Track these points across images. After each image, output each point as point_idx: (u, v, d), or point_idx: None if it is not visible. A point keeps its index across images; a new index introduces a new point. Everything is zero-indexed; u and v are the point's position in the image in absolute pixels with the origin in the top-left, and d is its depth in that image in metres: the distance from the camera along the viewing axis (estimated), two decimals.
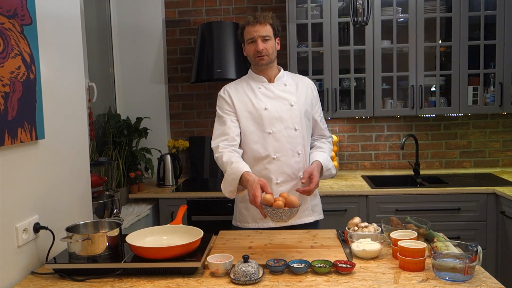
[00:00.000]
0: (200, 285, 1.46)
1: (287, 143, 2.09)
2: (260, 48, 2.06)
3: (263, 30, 2.07)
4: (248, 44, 2.11)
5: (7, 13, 1.51)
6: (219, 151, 2.04)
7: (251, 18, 2.08)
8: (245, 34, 2.11)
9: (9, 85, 1.50)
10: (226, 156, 2.00)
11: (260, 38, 2.06)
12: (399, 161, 3.62)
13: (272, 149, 2.08)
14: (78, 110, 2.03)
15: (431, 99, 3.33)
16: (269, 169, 2.09)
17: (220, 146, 2.06)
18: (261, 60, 2.09)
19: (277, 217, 1.59)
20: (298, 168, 2.11)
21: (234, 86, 2.21)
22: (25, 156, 1.63)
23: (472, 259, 1.42)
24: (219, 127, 2.13)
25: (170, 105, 3.72)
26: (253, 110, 2.10)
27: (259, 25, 2.07)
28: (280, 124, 2.09)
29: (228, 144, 2.07)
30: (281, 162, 2.09)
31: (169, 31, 3.68)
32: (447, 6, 3.23)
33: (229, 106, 2.14)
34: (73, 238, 1.59)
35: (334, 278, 1.48)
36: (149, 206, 3.10)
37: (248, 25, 2.09)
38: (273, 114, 2.09)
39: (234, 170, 1.91)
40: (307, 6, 3.24)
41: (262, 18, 2.07)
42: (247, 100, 2.13)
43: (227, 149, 2.05)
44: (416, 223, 1.79)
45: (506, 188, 2.87)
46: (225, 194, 1.97)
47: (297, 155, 2.11)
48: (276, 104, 2.11)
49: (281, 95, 2.13)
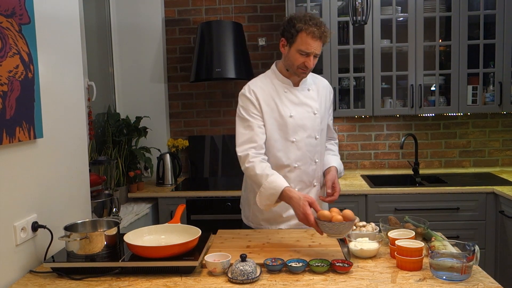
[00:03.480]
0: (198, 284, 1.46)
1: (308, 152, 2.04)
2: (311, 66, 1.94)
3: (320, 48, 1.93)
4: (299, 53, 1.92)
5: (5, 12, 1.51)
6: (250, 161, 1.91)
7: (316, 32, 1.88)
8: (299, 41, 1.90)
9: (7, 84, 1.51)
10: (259, 168, 1.89)
11: (314, 54, 1.92)
12: (399, 161, 3.62)
13: (294, 158, 2.02)
14: (77, 109, 2.03)
15: (431, 99, 3.32)
16: (289, 178, 2.01)
17: (250, 155, 1.92)
18: (304, 74, 1.99)
19: (338, 232, 1.53)
20: (314, 175, 2.09)
21: (259, 86, 2.04)
22: (23, 155, 1.63)
23: (470, 258, 1.42)
24: (245, 131, 1.98)
25: (169, 104, 3.72)
26: (279, 117, 2.00)
27: (319, 41, 1.91)
28: (303, 132, 2.02)
29: (257, 153, 1.95)
30: (300, 170, 2.05)
31: (169, 30, 3.68)
32: (447, 5, 3.23)
33: (256, 110, 1.99)
34: (71, 237, 1.59)
35: (332, 277, 1.48)
36: (149, 205, 3.11)
37: (309, 35, 1.88)
38: (297, 122, 2.01)
39: (272, 185, 1.83)
40: (306, 5, 3.24)
41: (326, 37, 1.92)
42: (273, 105, 2.00)
43: (257, 159, 1.92)
44: (414, 223, 1.79)
45: (505, 187, 2.87)
46: (260, 207, 1.91)
47: (314, 163, 2.08)
48: (300, 111, 2.02)
49: (305, 101, 2.04)
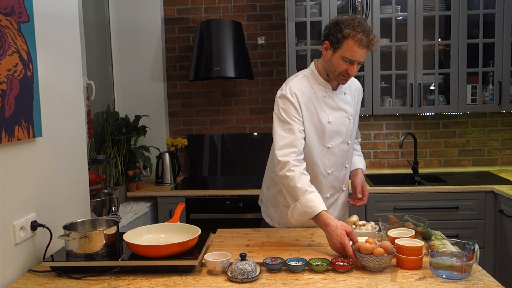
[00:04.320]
0: (197, 283, 1.46)
1: (340, 158, 2.01)
2: (354, 74, 1.87)
3: (365, 56, 1.85)
4: (343, 60, 1.83)
5: (4, 10, 1.51)
6: (291, 170, 1.79)
7: (364, 40, 1.79)
8: (346, 47, 1.81)
9: (6, 83, 1.50)
10: (300, 181, 1.77)
11: (358, 62, 1.84)
12: (398, 160, 3.62)
13: (329, 164, 2.00)
14: (76, 108, 2.03)
15: (430, 98, 3.32)
16: (323, 184, 2.00)
17: (291, 162, 1.80)
18: (345, 81, 1.93)
19: (379, 265, 1.49)
20: (343, 180, 2.08)
21: (300, 88, 1.93)
22: (22, 154, 1.62)
23: (469, 257, 1.42)
24: (286, 135, 1.86)
25: (168, 103, 3.71)
26: (318, 123, 1.94)
27: (366, 49, 1.82)
28: (338, 138, 1.98)
29: (297, 160, 1.83)
30: (333, 176, 2.03)
31: (168, 29, 3.67)
32: (446, 4, 3.22)
33: (298, 114, 1.89)
34: (70, 236, 1.59)
35: (332, 276, 1.48)
36: (148, 204, 3.10)
37: (356, 42, 1.79)
38: (334, 127, 1.96)
39: (310, 204, 1.74)
40: (306, 4, 3.24)
41: (372, 45, 1.83)
42: (313, 109, 1.93)
43: (299, 169, 1.80)
44: (414, 222, 1.79)
45: (505, 186, 2.87)
46: (291, 221, 1.82)
47: (345, 168, 2.06)
48: (337, 116, 1.97)
49: (341, 106, 1.99)
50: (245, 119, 3.65)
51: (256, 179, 3.41)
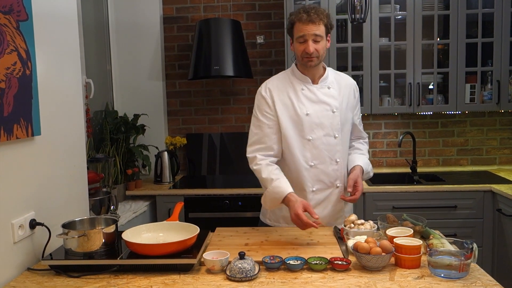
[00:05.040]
0: (196, 281, 1.46)
1: (326, 151, 2.00)
2: (310, 50, 1.90)
3: (315, 29, 1.89)
4: (298, 42, 1.93)
5: (3, 8, 1.51)
6: (257, 164, 1.97)
7: (304, 16, 1.89)
8: (295, 31, 1.93)
9: (5, 81, 1.50)
10: (265, 172, 1.94)
11: (312, 38, 1.90)
12: (396, 159, 3.63)
13: (310, 156, 2.00)
14: (75, 106, 2.03)
15: (429, 97, 3.33)
16: (305, 177, 2.01)
17: (257, 157, 1.98)
18: (310, 61, 1.94)
19: (376, 265, 1.49)
20: (335, 176, 2.04)
21: (276, 84, 2.04)
22: (21, 153, 1.62)
23: (468, 256, 1.42)
24: (256, 131, 2.02)
25: (167, 102, 3.71)
26: (294, 115, 1.99)
27: (312, 24, 1.88)
28: (320, 130, 1.99)
29: (265, 155, 1.99)
30: (318, 170, 2.01)
31: (167, 28, 3.67)
32: (445, 3, 3.23)
33: (270, 109, 2.00)
34: (69, 234, 1.59)
35: (330, 275, 1.48)
36: (146, 203, 3.10)
37: (300, 22, 1.90)
38: (314, 120, 1.98)
39: (276, 190, 1.89)
40: (305, 3, 3.24)
41: (316, 16, 1.88)
42: (289, 103, 2.00)
43: (264, 162, 1.97)
44: (413, 221, 1.79)
45: (503, 185, 2.88)
46: (265, 207, 2.03)
47: (335, 163, 2.03)
48: (318, 109, 2.00)
49: (323, 99, 2.01)
50: (244, 118, 3.65)
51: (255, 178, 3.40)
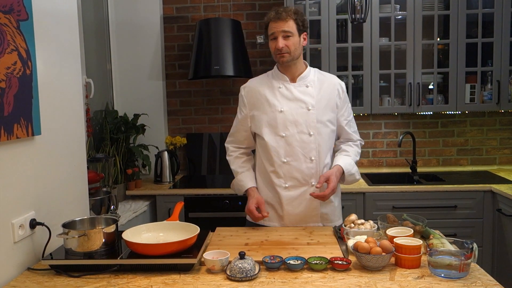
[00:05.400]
0: (196, 281, 1.46)
1: (299, 148, 2.03)
2: (280, 46, 1.97)
3: (284, 26, 1.97)
4: (270, 40, 2.03)
5: (3, 8, 1.50)
6: (229, 154, 2.22)
7: (273, 14, 2.00)
8: (268, 30, 2.03)
9: (5, 81, 1.50)
10: (234, 164, 2.19)
11: (281, 35, 1.97)
12: (396, 159, 3.63)
13: (284, 153, 2.03)
14: (75, 106, 2.03)
15: (429, 97, 3.33)
16: (278, 173, 2.05)
17: (229, 148, 2.22)
18: (282, 57, 2.00)
19: (376, 265, 1.49)
20: (309, 174, 2.04)
21: (255, 83, 2.15)
22: (21, 152, 1.62)
23: (468, 256, 1.42)
24: (233, 126, 2.22)
25: (167, 101, 3.71)
26: (269, 112, 2.05)
27: (280, 21, 1.97)
28: (294, 128, 2.03)
29: (236, 147, 2.21)
30: (291, 166, 2.03)
31: (167, 28, 3.67)
32: (445, 3, 3.23)
33: (244, 106, 2.14)
34: (69, 234, 1.59)
35: (330, 274, 1.49)
36: (146, 203, 3.10)
37: (271, 20, 2.00)
38: (288, 117, 2.03)
39: (240, 183, 2.14)
40: (305, 3, 3.24)
41: (284, 13, 1.97)
42: (264, 100, 2.07)
43: (235, 153, 2.20)
44: (413, 220, 1.79)
45: (503, 185, 2.88)
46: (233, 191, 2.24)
47: (310, 161, 2.04)
48: (293, 106, 2.04)
49: (299, 97, 2.05)
50: None
51: None
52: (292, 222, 2.08)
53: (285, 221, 2.08)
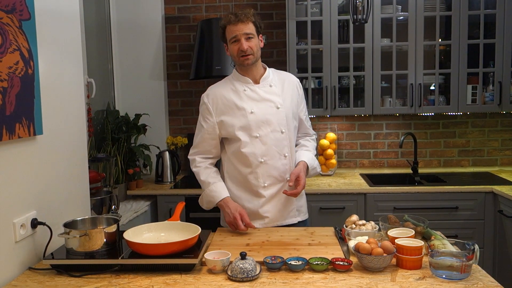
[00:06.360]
0: (197, 281, 1.46)
1: (274, 146, 2.05)
2: (244, 47, 1.98)
3: (246, 28, 1.99)
4: (231, 43, 2.02)
5: (6, 8, 1.51)
6: (196, 166, 2.14)
7: (233, 17, 2.00)
8: (227, 34, 2.03)
9: (7, 80, 1.50)
10: (203, 175, 2.11)
11: (244, 37, 1.99)
12: (398, 160, 3.62)
13: (260, 153, 2.05)
14: (77, 105, 2.03)
15: (430, 98, 3.32)
16: (257, 173, 2.06)
17: (196, 160, 2.14)
18: (246, 59, 2.02)
19: (378, 266, 1.49)
20: (284, 170, 2.08)
21: (218, 89, 2.13)
22: (23, 152, 1.62)
23: (469, 257, 1.42)
24: (197, 136, 2.14)
25: (169, 101, 3.71)
26: (239, 115, 2.05)
27: (241, 23, 1.99)
28: (267, 127, 2.05)
29: (203, 158, 2.14)
30: (268, 165, 2.06)
31: (169, 28, 3.67)
32: (447, 4, 3.23)
33: (209, 114, 2.09)
34: (70, 234, 1.59)
35: (331, 275, 1.48)
36: (147, 203, 3.10)
37: (230, 24, 2.00)
38: (259, 117, 2.04)
39: (212, 194, 2.07)
40: (307, 3, 3.24)
41: (244, 16, 1.99)
42: (232, 105, 2.06)
43: (203, 164, 2.13)
44: (414, 221, 1.79)
45: (504, 187, 2.88)
46: (202, 207, 2.17)
47: (284, 157, 2.08)
48: (262, 106, 2.06)
49: (266, 97, 2.08)
50: None
51: None
52: (273, 220, 2.09)
53: (265, 220, 2.09)
